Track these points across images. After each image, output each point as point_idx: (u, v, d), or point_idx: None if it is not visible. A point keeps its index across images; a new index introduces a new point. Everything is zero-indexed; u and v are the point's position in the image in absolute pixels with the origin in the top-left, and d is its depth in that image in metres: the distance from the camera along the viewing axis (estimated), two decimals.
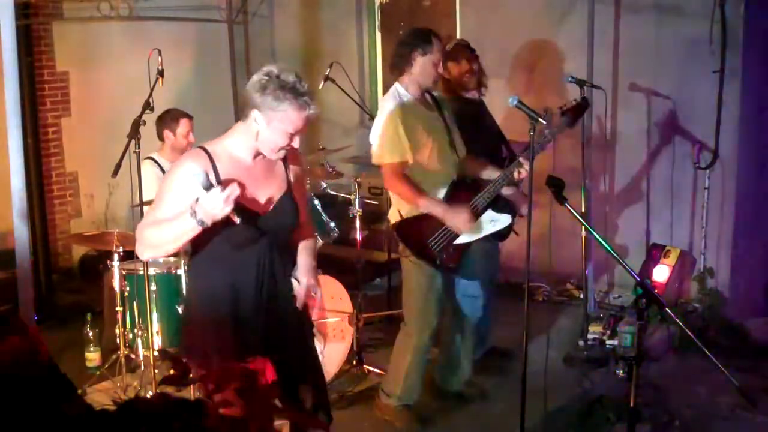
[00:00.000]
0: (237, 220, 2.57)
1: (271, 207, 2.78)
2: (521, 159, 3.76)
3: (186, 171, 2.59)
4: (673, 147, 5.57)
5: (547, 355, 3.64)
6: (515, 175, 3.78)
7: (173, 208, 2.62)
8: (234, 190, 2.50)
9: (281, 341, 2.83)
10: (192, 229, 2.56)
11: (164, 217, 2.63)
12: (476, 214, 3.81)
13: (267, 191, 2.78)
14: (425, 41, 3.84)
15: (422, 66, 3.85)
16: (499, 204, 3.90)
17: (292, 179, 2.87)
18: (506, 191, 3.97)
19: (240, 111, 2.75)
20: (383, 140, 3.85)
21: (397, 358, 4.09)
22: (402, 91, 3.90)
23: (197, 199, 2.52)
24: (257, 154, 2.75)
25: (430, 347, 4.09)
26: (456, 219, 3.78)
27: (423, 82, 3.89)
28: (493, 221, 3.90)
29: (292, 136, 2.66)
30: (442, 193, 3.87)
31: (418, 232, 3.86)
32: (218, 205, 2.49)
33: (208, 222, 2.53)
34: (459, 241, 3.86)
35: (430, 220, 3.82)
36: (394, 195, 3.94)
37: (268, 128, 2.64)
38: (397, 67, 3.92)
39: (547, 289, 5.87)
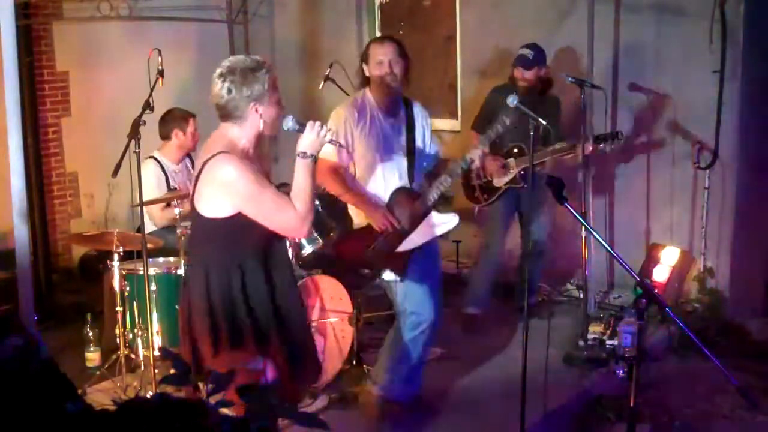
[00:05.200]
0: (340, 144, 3.04)
1: None
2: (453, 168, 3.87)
3: (244, 167, 2.83)
4: (673, 147, 5.56)
5: (547, 355, 3.64)
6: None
7: (270, 188, 2.90)
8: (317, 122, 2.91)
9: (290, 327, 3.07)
10: (311, 168, 2.90)
11: (278, 197, 2.89)
12: (422, 215, 3.87)
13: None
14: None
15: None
16: (443, 206, 3.97)
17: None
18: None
19: (229, 119, 2.93)
20: None
21: None
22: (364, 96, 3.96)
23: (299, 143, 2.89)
24: (256, 146, 2.99)
25: None
26: (373, 216, 3.82)
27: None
28: (443, 223, 3.92)
29: (279, 98, 2.97)
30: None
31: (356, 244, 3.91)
32: (321, 133, 2.88)
33: (317, 152, 2.91)
34: (402, 248, 3.86)
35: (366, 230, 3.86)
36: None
37: (268, 107, 2.91)
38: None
39: (547, 289, 5.87)
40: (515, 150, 5.10)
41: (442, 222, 3.92)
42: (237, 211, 2.87)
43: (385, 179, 3.90)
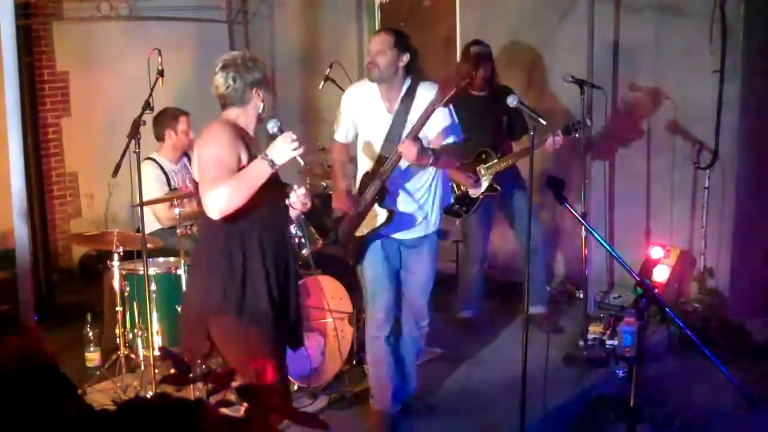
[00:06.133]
0: (302, 162, 3.04)
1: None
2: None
3: (223, 132, 3.00)
4: (673, 147, 5.56)
5: (547, 355, 3.64)
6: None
7: (231, 163, 2.95)
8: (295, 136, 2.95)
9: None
10: (265, 173, 2.92)
11: (219, 170, 2.92)
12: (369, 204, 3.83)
13: None
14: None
15: None
16: (386, 200, 3.81)
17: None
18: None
19: (233, 105, 3.13)
20: None
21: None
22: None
23: (270, 145, 2.96)
24: (255, 128, 3.15)
25: None
26: (333, 195, 4.02)
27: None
28: (377, 215, 3.84)
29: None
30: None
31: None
32: (291, 146, 2.91)
33: (280, 162, 2.93)
34: (358, 233, 3.90)
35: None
36: None
37: (267, 93, 3.12)
38: None
39: (547, 289, 5.86)
40: (483, 156, 5.01)
41: (375, 215, 3.82)
42: None
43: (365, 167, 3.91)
